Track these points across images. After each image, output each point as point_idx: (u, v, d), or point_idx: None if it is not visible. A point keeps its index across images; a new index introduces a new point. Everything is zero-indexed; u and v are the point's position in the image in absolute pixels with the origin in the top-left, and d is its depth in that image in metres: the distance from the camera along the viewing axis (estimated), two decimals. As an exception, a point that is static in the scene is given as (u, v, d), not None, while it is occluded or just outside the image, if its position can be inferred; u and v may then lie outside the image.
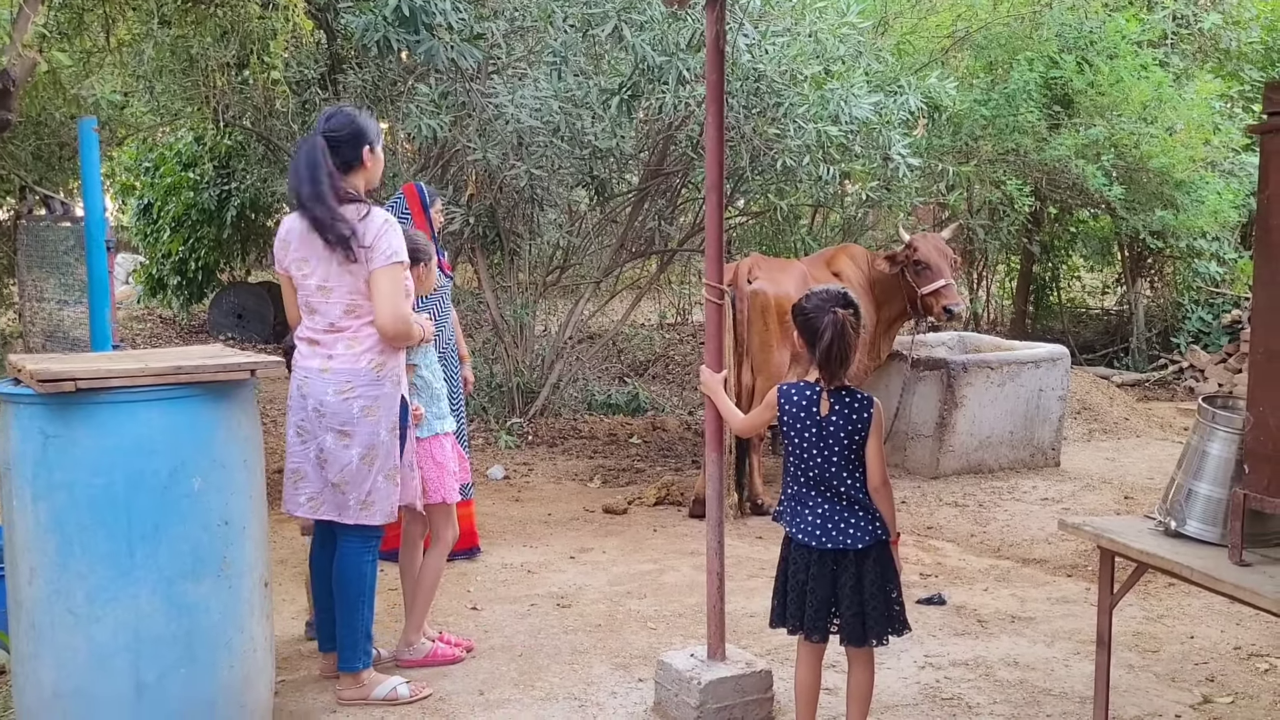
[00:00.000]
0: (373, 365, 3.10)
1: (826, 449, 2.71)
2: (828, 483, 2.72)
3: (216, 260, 11.52)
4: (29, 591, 2.56)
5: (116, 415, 2.55)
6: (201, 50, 6.15)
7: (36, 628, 2.56)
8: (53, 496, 2.52)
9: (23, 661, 2.62)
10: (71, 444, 2.52)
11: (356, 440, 3.08)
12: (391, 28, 5.28)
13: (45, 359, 2.80)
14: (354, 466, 3.09)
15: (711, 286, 3.15)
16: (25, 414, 2.54)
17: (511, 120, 5.60)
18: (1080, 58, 7.91)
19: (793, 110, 5.55)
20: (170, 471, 2.58)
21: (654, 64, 5.38)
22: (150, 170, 11.50)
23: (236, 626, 2.71)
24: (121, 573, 2.54)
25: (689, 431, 7.30)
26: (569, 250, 7.85)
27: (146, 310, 12.62)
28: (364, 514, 3.14)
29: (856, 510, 2.71)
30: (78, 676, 2.55)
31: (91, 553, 2.52)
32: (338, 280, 3.07)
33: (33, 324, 8.56)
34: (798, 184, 6.31)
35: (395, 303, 3.07)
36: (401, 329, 3.10)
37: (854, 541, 2.70)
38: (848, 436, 2.70)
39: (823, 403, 2.73)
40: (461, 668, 3.46)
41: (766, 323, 5.31)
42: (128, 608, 2.54)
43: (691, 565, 4.55)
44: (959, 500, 5.61)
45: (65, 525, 2.52)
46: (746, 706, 3.06)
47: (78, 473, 2.52)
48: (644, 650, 3.62)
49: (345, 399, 3.06)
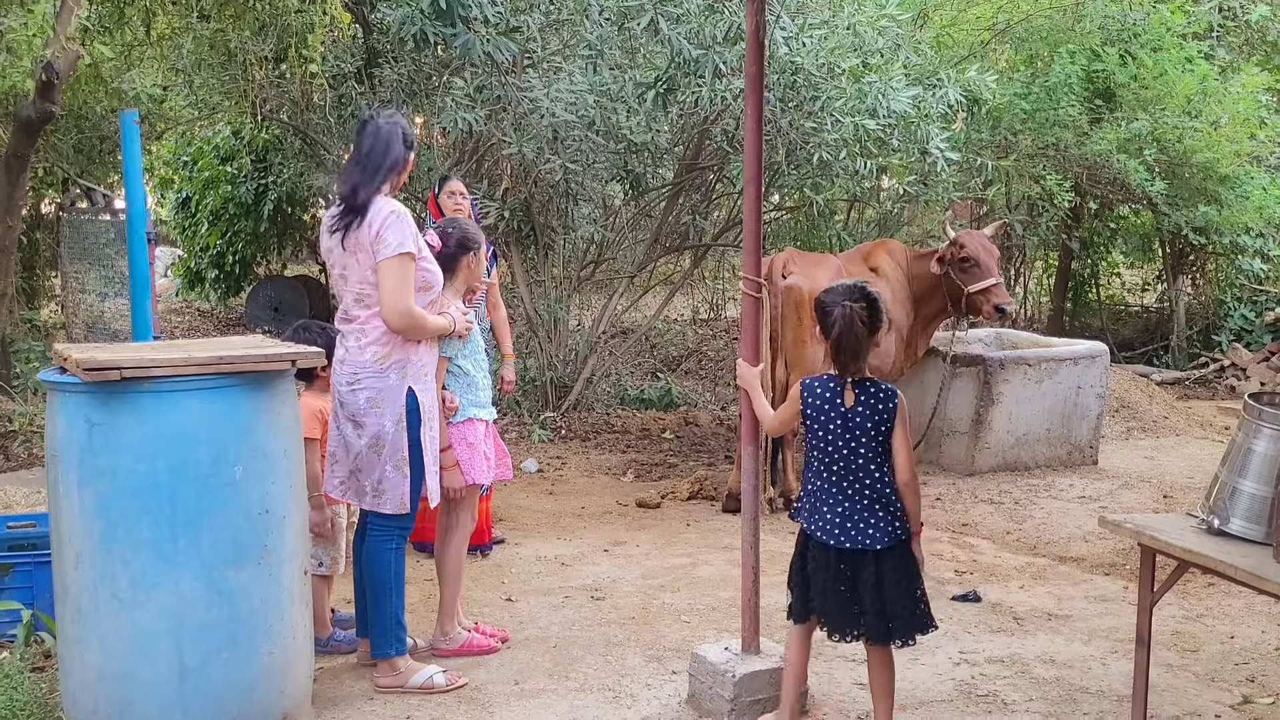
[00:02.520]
0: (377, 358, 3.13)
1: (854, 440, 2.70)
2: (854, 476, 2.70)
3: (253, 254, 11.64)
4: (74, 576, 2.60)
5: (160, 404, 2.58)
6: (240, 44, 6.21)
7: (82, 612, 2.60)
8: (97, 483, 2.56)
9: (69, 645, 2.67)
10: (116, 431, 2.56)
11: (366, 430, 3.14)
12: (428, 21, 5.31)
13: (91, 348, 2.84)
14: (364, 455, 3.16)
15: (749, 280, 3.14)
16: (71, 402, 2.59)
17: (546, 114, 5.60)
18: (1124, 50, 7.78)
19: (830, 104, 5.50)
20: (212, 460, 2.61)
21: (690, 57, 5.35)
22: (188, 164, 11.65)
23: (277, 614, 2.74)
24: (164, 559, 2.57)
25: (722, 427, 7.29)
26: (603, 245, 7.85)
27: (184, 303, 12.78)
28: (376, 502, 3.19)
29: (877, 510, 2.69)
30: (122, 660, 2.59)
31: (135, 538, 2.56)
32: (351, 270, 3.14)
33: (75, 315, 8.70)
34: (834, 178, 6.26)
35: (400, 294, 3.06)
36: (405, 322, 3.09)
37: (873, 542, 2.68)
38: (874, 428, 2.69)
39: (847, 395, 2.72)
40: (497, 658, 3.48)
41: (801, 318, 5.28)
42: (170, 593, 2.58)
43: (725, 559, 4.55)
44: (995, 497, 5.56)
45: (110, 511, 2.56)
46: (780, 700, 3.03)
47: (122, 459, 2.56)
48: (677, 643, 3.62)
49: (354, 390, 3.13)
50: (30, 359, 6.80)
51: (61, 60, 4.37)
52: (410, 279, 3.08)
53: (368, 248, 3.06)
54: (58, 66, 4.36)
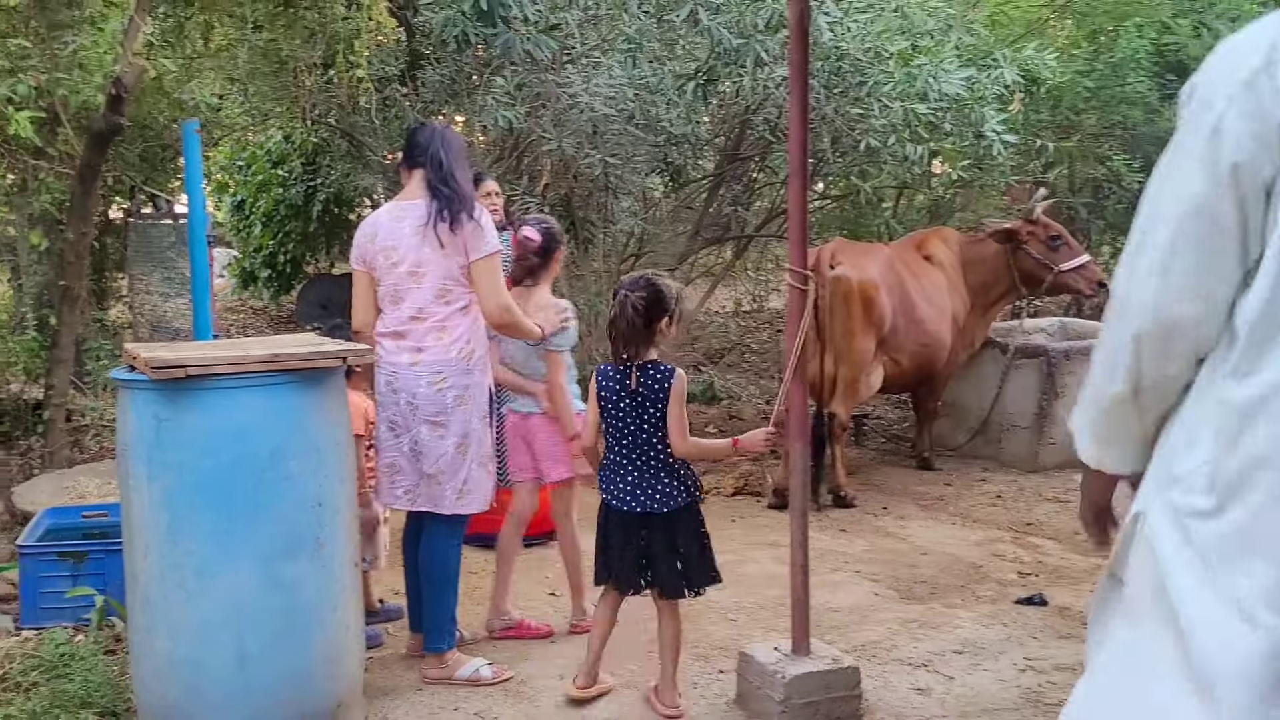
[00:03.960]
0: (463, 355, 3.18)
1: (640, 417, 2.97)
2: (641, 449, 2.97)
3: (303, 253, 11.87)
4: (143, 565, 2.71)
5: (220, 400, 2.68)
6: (290, 52, 6.35)
7: (150, 600, 2.72)
8: (164, 476, 2.67)
9: (139, 631, 2.79)
10: (180, 427, 2.66)
11: (451, 430, 3.16)
12: (469, 22, 5.37)
13: (157, 348, 2.96)
14: (449, 457, 3.16)
15: (795, 272, 3.07)
16: (140, 399, 2.69)
17: (586, 109, 5.63)
18: (1197, 22, 7.43)
19: (877, 89, 5.41)
20: (269, 454, 2.70)
21: (731, 47, 5.32)
22: (243, 168, 11.94)
23: (330, 604, 2.83)
24: (225, 550, 2.67)
25: (766, 421, 7.24)
26: (643, 238, 7.87)
27: (239, 301, 13.10)
28: (461, 504, 3.22)
29: (663, 477, 2.97)
30: (188, 647, 2.70)
31: (199, 530, 2.66)
32: (431, 265, 3.14)
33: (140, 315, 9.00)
34: (882, 165, 6.16)
35: (499, 290, 3.17)
36: (509, 317, 3.19)
37: (660, 505, 2.96)
38: (653, 405, 2.96)
39: (632, 377, 2.98)
40: (541, 652, 3.53)
41: (850, 310, 5.19)
42: (231, 583, 2.68)
43: (771, 557, 4.51)
44: (1060, 495, 5.40)
45: (175, 503, 2.66)
46: (833, 703, 2.98)
47: (186, 454, 2.66)
48: (724, 642, 3.60)
49: (439, 390, 3.14)
50: (100, 357, 7.05)
51: (129, 74, 4.54)
52: (502, 275, 3.21)
53: (460, 245, 3.12)
54: (126, 81, 4.53)
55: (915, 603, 4.04)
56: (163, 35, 5.73)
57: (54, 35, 4.79)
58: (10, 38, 4.54)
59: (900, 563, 4.52)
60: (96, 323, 7.76)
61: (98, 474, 4.61)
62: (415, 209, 3.20)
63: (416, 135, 3.31)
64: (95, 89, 4.62)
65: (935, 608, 3.98)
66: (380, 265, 3.23)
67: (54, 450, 5.03)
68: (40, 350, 5.80)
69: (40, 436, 5.20)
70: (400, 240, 3.18)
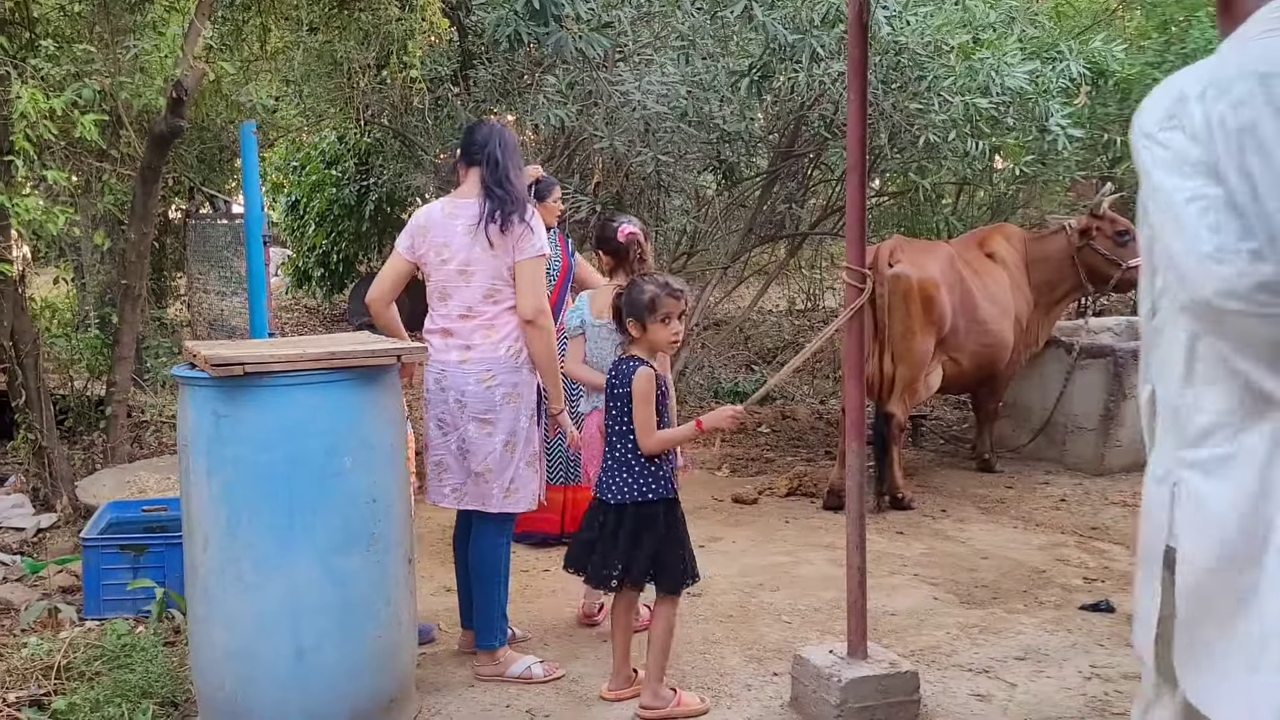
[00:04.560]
0: (511, 352, 3.18)
1: (611, 409, 3.07)
2: (611, 440, 3.07)
3: (356, 252, 12.03)
4: (203, 558, 2.74)
5: (277, 397, 2.70)
6: (345, 54, 6.42)
7: (209, 592, 2.74)
8: (223, 471, 2.69)
9: (198, 623, 2.81)
10: (239, 423, 2.69)
11: (499, 428, 3.16)
12: (522, 21, 5.38)
13: (216, 345, 3.00)
14: (497, 455, 3.16)
15: (852, 269, 3.03)
16: (200, 395, 2.73)
17: (638, 107, 5.61)
18: None
19: (937, 83, 5.30)
20: (325, 450, 2.72)
21: (786, 42, 5.26)
22: (297, 169, 12.13)
23: (384, 599, 2.84)
24: (282, 544, 2.69)
25: (820, 421, 7.19)
26: (696, 236, 7.83)
27: (293, 300, 13.31)
28: (508, 502, 3.21)
29: (620, 471, 3.02)
30: (245, 639, 2.72)
31: (257, 524, 2.68)
32: (480, 264, 3.15)
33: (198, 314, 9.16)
34: (941, 161, 6.05)
35: (537, 292, 3.17)
36: (544, 320, 3.18)
37: (613, 495, 3.01)
38: (615, 401, 3.04)
39: (613, 369, 3.08)
40: (593, 651, 3.51)
41: (909, 308, 5.08)
42: (288, 576, 2.70)
43: (826, 558, 4.46)
44: (1128, 499, 5.26)
45: (234, 498, 2.69)
46: (890, 709, 2.92)
47: (244, 449, 2.68)
48: (778, 644, 3.56)
49: (487, 387, 3.15)
50: (159, 354, 7.21)
51: (189, 78, 4.62)
52: (544, 279, 3.22)
53: (510, 246, 3.13)
54: (186, 84, 4.60)
55: (976, 607, 3.95)
56: (221, 39, 5.83)
57: (117, 40, 4.90)
58: (76, 43, 4.64)
59: (960, 566, 4.43)
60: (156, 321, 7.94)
61: (157, 469, 4.70)
62: (469, 208, 3.21)
63: (475, 133, 3.31)
64: (156, 92, 4.70)
65: (996, 613, 3.89)
66: (430, 261, 3.25)
67: (115, 446, 5.14)
68: (102, 348, 5.93)
69: (102, 432, 5.31)
70: (452, 238, 3.19)
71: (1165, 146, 1.64)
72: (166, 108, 4.67)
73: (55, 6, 5.07)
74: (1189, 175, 1.59)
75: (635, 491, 3.01)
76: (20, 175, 4.05)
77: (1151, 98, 1.70)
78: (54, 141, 4.15)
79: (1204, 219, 1.55)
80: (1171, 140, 1.63)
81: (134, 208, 5.11)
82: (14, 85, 3.85)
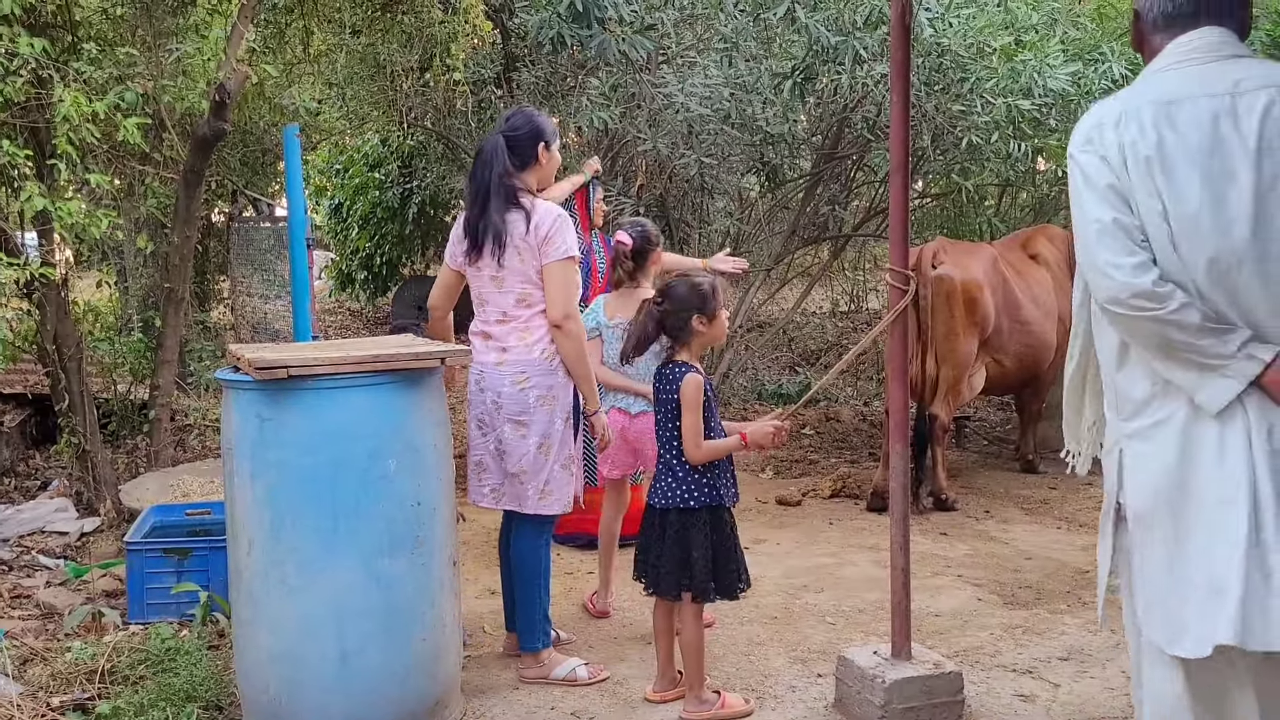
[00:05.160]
0: (545, 355, 3.17)
1: (657, 415, 3.07)
2: (659, 446, 3.07)
3: (399, 255, 12.10)
4: (247, 562, 2.75)
5: (321, 400, 2.70)
6: (388, 56, 6.45)
7: (254, 596, 2.75)
8: (267, 474, 2.70)
9: (242, 626, 2.82)
10: (283, 426, 2.69)
11: (533, 430, 3.16)
12: (565, 23, 5.37)
13: (260, 348, 3.00)
14: (531, 456, 3.16)
15: (895, 271, 3.01)
16: (244, 398, 2.73)
17: (681, 109, 5.59)
18: None
19: (980, 85, 5.28)
20: (369, 454, 2.72)
21: (829, 44, 5.24)
22: (340, 172, 12.23)
23: (428, 601, 2.83)
24: (327, 547, 2.69)
25: (864, 423, 7.12)
26: (739, 238, 7.77)
27: (336, 303, 13.44)
28: (543, 504, 3.21)
29: (665, 476, 3.02)
30: (289, 642, 2.72)
31: (301, 527, 2.68)
32: (510, 271, 3.17)
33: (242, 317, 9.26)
34: (984, 162, 6.01)
35: (566, 296, 3.15)
36: (571, 325, 3.17)
37: (660, 500, 3.01)
38: (662, 406, 3.02)
39: (660, 374, 3.06)
40: (638, 653, 3.49)
41: (952, 310, 5.08)
42: (332, 580, 2.69)
43: (870, 560, 4.44)
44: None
45: (278, 501, 2.69)
46: (935, 709, 2.91)
47: (288, 453, 2.68)
48: (822, 645, 3.54)
49: (521, 389, 3.15)
50: (202, 358, 7.28)
51: (232, 80, 4.63)
52: (575, 281, 3.19)
53: (536, 249, 3.13)
54: (229, 87, 4.62)
55: (1019, 608, 3.92)
56: (264, 41, 5.87)
57: (160, 43, 4.94)
58: (119, 46, 4.68)
59: (1004, 567, 4.39)
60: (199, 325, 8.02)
61: (200, 472, 4.73)
62: None
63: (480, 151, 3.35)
64: (199, 95, 4.74)
65: (1040, 613, 3.86)
66: (469, 270, 3.30)
67: (159, 449, 5.17)
68: (146, 351, 5.99)
69: (146, 436, 5.36)
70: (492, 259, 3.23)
71: (1082, 168, 1.95)
72: (209, 111, 4.69)
73: (98, 10, 5.12)
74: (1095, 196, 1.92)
75: (678, 498, 2.99)
76: (63, 179, 4.09)
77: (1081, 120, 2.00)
78: (97, 145, 4.18)
79: (1101, 238, 1.91)
80: (1087, 163, 1.95)
81: (177, 211, 5.15)
82: (57, 88, 3.87)
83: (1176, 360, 1.89)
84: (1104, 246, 1.91)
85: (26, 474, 5.67)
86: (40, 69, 3.89)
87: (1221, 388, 1.86)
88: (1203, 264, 1.85)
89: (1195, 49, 1.96)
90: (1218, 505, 1.87)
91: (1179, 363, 1.89)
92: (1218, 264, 1.85)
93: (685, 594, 3.00)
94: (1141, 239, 1.88)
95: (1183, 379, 1.90)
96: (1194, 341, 1.86)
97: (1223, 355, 1.85)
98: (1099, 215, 1.92)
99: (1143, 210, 1.88)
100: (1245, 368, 1.85)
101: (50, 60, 3.90)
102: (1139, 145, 1.89)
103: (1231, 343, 1.85)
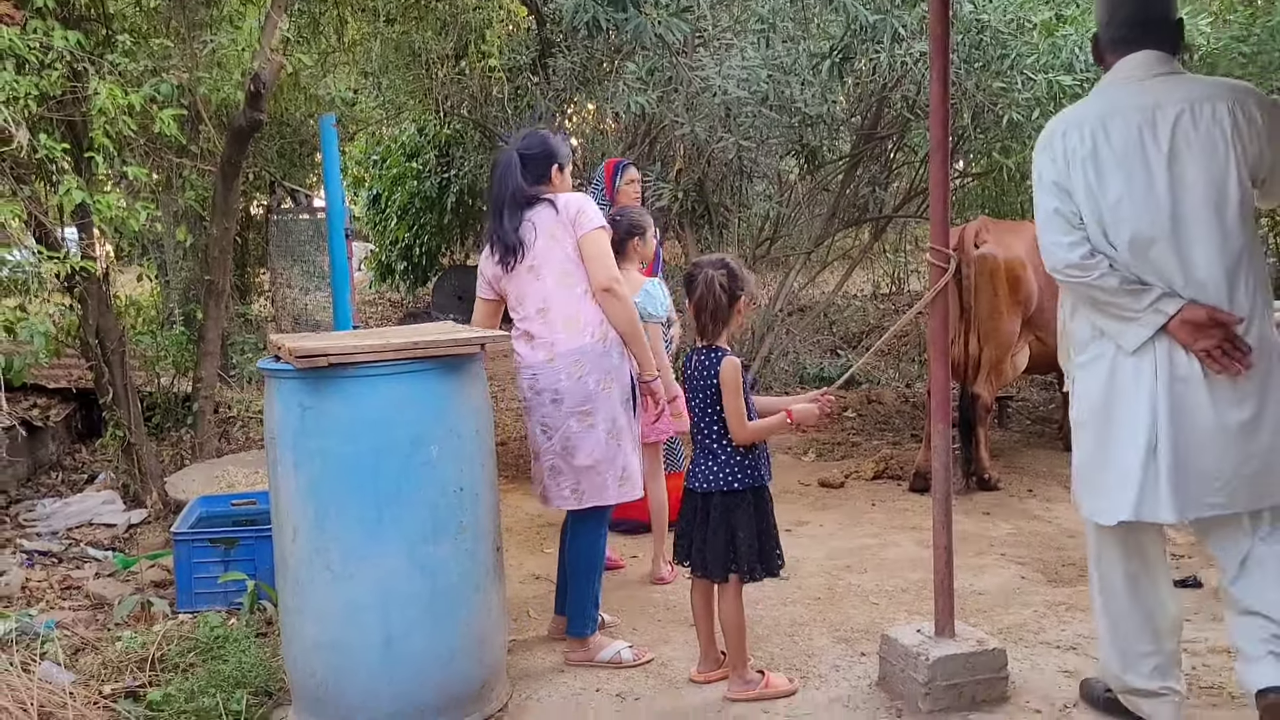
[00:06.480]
0: (597, 338, 3.17)
1: (694, 397, 3.02)
2: (696, 428, 3.03)
3: (438, 245, 12.15)
4: (292, 550, 2.77)
5: (361, 388, 2.70)
6: (423, 44, 6.46)
7: (299, 584, 2.77)
8: (310, 463, 2.71)
9: (289, 614, 2.85)
10: (324, 415, 2.70)
11: (600, 417, 3.15)
12: (600, 8, 5.34)
13: (301, 338, 3.01)
14: (603, 444, 3.16)
15: (937, 250, 2.98)
16: (286, 387, 2.75)
17: (718, 92, 5.53)
18: None
19: (1020, 61, 5.18)
20: (411, 440, 2.72)
21: (867, 23, 5.15)
22: (378, 162, 12.29)
23: (473, 586, 2.84)
24: (370, 534, 2.70)
25: (906, 404, 7.04)
26: (778, 221, 7.71)
27: (377, 294, 13.53)
28: (624, 490, 3.22)
29: (707, 459, 3.00)
30: (335, 629, 2.74)
31: (345, 515, 2.69)
32: (546, 255, 3.18)
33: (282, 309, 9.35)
34: (1026, 140, 5.88)
35: (607, 263, 3.19)
36: (618, 289, 3.17)
37: (700, 484, 2.99)
38: (698, 392, 3.00)
39: (695, 359, 3.03)
40: (682, 635, 3.48)
41: (995, 289, 5.01)
42: (376, 566, 2.70)
43: (913, 540, 4.40)
44: (1216, 477, 5.11)
45: (321, 490, 2.71)
46: (978, 685, 2.91)
47: (330, 441, 2.69)
48: (865, 625, 3.53)
49: (580, 379, 3.14)
50: (244, 350, 7.36)
51: (267, 71, 4.64)
52: (610, 249, 3.22)
53: (568, 225, 3.16)
54: (264, 77, 4.62)
55: (1063, 585, 3.89)
56: (298, 31, 5.89)
57: (194, 35, 4.96)
58: (152, 38, 4.71)
59: (1047, 546, 4.35)
60: (240, 317, 8.11)
61: (245, 463, 4.77)
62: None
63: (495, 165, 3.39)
64: (234, 86, 4.75)
65: (1083, 590, 3.76)
66: (501, 276, 3.27)
67: (203, 441, 5.23)
68: (188, 344, 6.06)
69: (190, 428, 5.42)
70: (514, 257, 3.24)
71: (1038, 167, 2.53)
72: (245, 101, 4.71)
73: (131, 2, 5.15)
74: (1045, 190, 2.52)
75: (721, 480, 2.98)
76: (101, 172, 4.11)
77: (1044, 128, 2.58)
78: (133, 137, 4.19)
79: (1047, 222, 2.52)
80: (1042, 163, 2.53)
81: (215, 203, 5.17)
82: (92, 81, 3.88)
83: (1104, 313, 2.49)
84: (1049, 228, 2.50)
85: (73, 468, 5.77)
86: (75, 62, 3.90)
87: (1135, 333, 2.44)
88: (1125, 241, 2.43)
89: (1134, 68, 2.49)
90: (1130, 419, 2.47)
91: (1106, 315, 2.49)
92: (1137, 241, 2.41)
93: (732, 575, 2.99)
94: (1079, 223, 2.47)
95: (1109, 326, 2.49)
96: (1113, 300, 2.45)
97: (1136, 310, 2.42)
98: (1046, 204, 2.50)
99: (1080, 200, 2.46)
100: (1154, 319, 2.41)
101: (85, 53, 3.91)
102: (1079, 150, 2.46)
103: (1144, 300, 2.41)
